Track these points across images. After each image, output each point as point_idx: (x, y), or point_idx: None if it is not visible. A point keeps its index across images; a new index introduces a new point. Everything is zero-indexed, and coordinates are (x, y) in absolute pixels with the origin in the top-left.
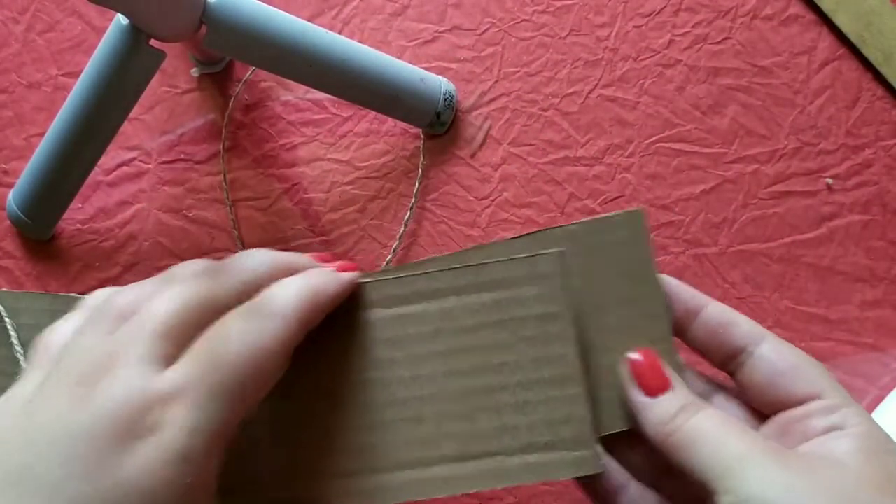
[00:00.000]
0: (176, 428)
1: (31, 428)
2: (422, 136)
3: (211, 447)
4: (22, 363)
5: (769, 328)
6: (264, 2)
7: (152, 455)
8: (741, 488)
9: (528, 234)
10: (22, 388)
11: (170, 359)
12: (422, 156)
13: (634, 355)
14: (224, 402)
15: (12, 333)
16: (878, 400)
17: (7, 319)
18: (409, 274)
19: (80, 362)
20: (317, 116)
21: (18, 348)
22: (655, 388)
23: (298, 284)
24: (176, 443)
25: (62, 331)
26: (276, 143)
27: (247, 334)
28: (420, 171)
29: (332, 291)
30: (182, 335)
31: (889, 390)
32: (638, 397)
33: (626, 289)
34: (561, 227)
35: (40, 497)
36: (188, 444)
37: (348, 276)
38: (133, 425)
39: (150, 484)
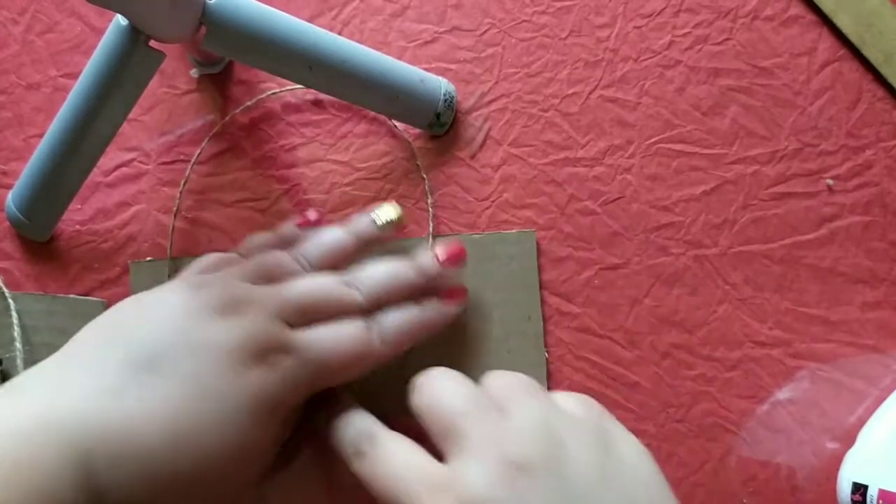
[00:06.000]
0: (284, 371)
1: (187, 332)
2: (409, 142)
3: (291, 399)
4: (19, 365)
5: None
6: (264, 2)
7: (266, 379)
8: None
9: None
10: (171, 294)
11: (292, 326)
12: (427, 156)
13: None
14: (313, 377)
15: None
16: (880, 401)
17: (14, 319)
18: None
19: (222, 294)
20: (316, 117)
21: (19, 346)
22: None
23: (411, 320)
24: (280, 381)
25: (213, 260)
26: (276, 144)
27: (358, 344)
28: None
29: (435, 326)
30: (306, 314)
31: (890, 391)
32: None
33: (512, 292)
34: (468, 235)
35: (175, 382)
36: (285, 387)
37: (452, 311)
38: (258, 354)
39: (256, 397)
